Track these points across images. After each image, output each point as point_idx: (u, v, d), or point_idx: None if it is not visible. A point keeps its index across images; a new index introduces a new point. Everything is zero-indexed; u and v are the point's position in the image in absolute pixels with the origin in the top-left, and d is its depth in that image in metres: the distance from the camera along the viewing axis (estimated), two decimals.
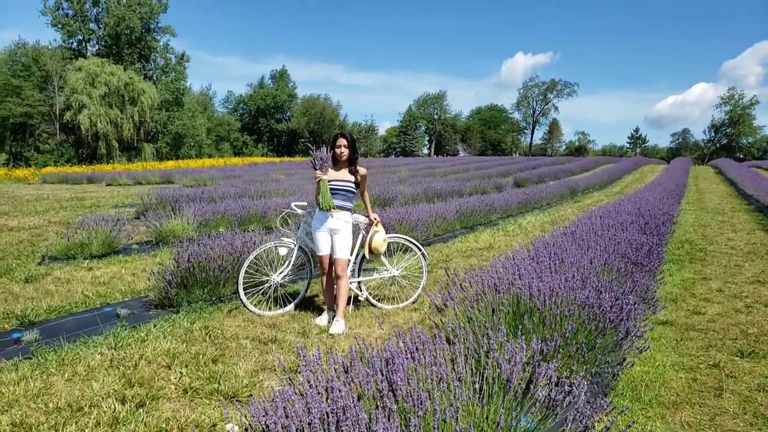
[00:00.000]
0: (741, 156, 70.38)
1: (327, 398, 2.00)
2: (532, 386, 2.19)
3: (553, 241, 5.59)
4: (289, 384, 2.37)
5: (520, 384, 2.23)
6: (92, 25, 49.74)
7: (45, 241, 8.61)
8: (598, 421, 2.55)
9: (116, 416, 2.95)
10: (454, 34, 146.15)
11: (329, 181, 4.74)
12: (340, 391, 1.93)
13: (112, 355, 3.85)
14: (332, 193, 4.72)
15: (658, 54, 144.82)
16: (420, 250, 5.44)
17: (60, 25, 47.95)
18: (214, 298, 5.33)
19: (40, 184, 23.86)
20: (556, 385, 2.20)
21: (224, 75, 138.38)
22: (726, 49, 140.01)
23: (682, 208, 14.94)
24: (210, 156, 54.44)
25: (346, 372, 2.24)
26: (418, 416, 1.84)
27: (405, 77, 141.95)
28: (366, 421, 1.80)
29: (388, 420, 1.77)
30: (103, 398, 3.18)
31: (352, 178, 4.80)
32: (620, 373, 3.17)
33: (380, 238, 5.06)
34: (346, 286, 4.77)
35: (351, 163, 4.81)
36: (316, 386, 2.09)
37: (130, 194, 18.02)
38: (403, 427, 1.56)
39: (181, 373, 3.59)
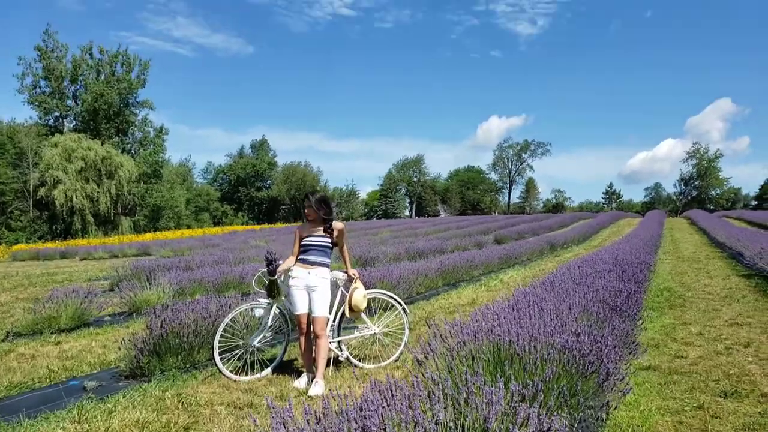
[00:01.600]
0: (711, 207, 72.20)
1: None
2: (512, 427, 2.11)
3: (533, 291, 5.58)
4: None
5: (499, 426, 2.15)
6: (69, 102, 50.27)
7: (11, 317, 8.30)
8: None
9: None
10: (430, 100, 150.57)
11: (305, 237, 4.79)
12: None
13: (75, 428, 3.65)
14: (308, 250, 4.76)
15: (627, 112, 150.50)
16: (401, 305, 5.38)
17: (37, 103, 48.32)
18: (188, 366, 5.15)
19: (9, 262, 23.14)
20: (538, 422, 2.13)
21: (204, 147, 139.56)
22: (688, 106, 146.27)
23: (659, 257, 15.12)
24: (189, 227, 54.10)
25: (318, 421, 2.15)
26: None
27: (384, 142, 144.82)
28: None
29: None
30: None
31: (327, 236, 4.81)
32: (604, 416, 3.10)
33: (360, 295, 5.01)
34: (325, 345, 4.67)
35: (325, 221, 4.83)
36: None
37: (104, 267, 17.67)
38: None
39: None
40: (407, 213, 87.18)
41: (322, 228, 4.83)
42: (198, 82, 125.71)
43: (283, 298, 4.95)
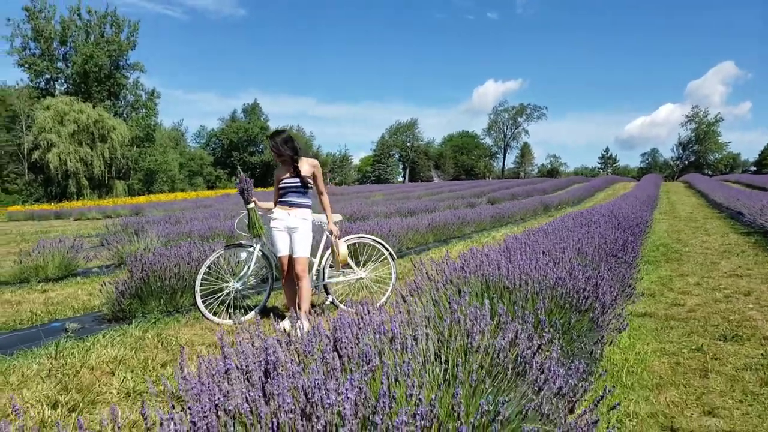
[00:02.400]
0: (709, 172, 71.93)
1: (264, 360, 1.75)
2: (498, 354, 1.95)
3: (525, 237, 5.42)
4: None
5: (484, 349, 1.99)
6: (60, 64, 49.23)
7: (0, 269, 8.18)
8: (580, 402, 2.32)
9: (44, 420, 2.64)
10: (424, 64, 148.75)
11: (282, 179, 4.59)
12: (275, 350, 1.69)
13: (51, 364, 3.52)
14: (285, 192, 4.60)
15: (625, 76, 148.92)
16: (387, 250, 5.22)
17: (27, 65, 47.31)
18: (171, 309, 5.01)
19: (4, 222, 23.13)
20: (528, 339, 1.98)
21: (197, 111, 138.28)
22: (690, 69, 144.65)
23: (656, 217, 14.99)
24: (183, 191, 53.75)
25: (289, 341, 2.00)
26: (363, 371, 1.60)
27: (377, 108, 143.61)
28: (300, 373, 1.56)
29: (331, 379, 1.53)
30: (32, 405, 2.85)
31: (296, 177, 4.58)
32: (599, 352, 2.96)
33: (344, 247, 4.84)
34: (307, 286, 4.52)
35: (292, 161, 4.59)
36: (255, 351, 1.84)
37: (97, 227, 17.51)
38: (345, 384, 1.33)
39: (125, 377, 3.27)
40: (400, 179, 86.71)
41: (291, 168, 4.61)
42: (190, 45, 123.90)
43: (263, 237, 4.77)
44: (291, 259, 4.55)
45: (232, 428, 1.44)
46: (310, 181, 4.62)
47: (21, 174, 46.04)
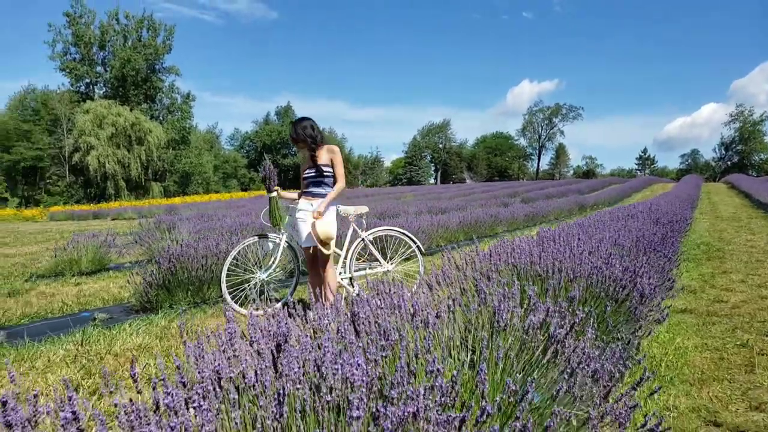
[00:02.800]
0: (753, 174, 69.44)
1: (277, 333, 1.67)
2: (527, 333, 1.83)
3: (558, 231, 5.24)
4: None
5: (512, 329, 1.87)
6: (99, 68, 50.60)
7: (38, 263, 8.36)
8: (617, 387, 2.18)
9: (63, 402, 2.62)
10: (457, 65, 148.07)
11: (304, 170, 4.54)
12: (287, 324, 1.61)
13: (77, 350, 3.53)
14: (308, 183, 4.50)
15: (665, 76, 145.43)
16: (415, 242, 5.11)
17: (68, 70, 48.81)
18: (198, 301, 5.01)
19: (46, 222, 23.84)
20: (560, 317, 1.85)
21: (230, 114, 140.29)
22: (734, 68, 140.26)
23: (696, 217, 14.49)
24: (217, 192, 54.58)
25: (305, 317, 1.92)
26: (381, 346, 1.50)
27: (409, 110, 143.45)
28: (312, 347, 1.48)
29: (347, 354, 1.44)
30: (54, 389, 2.85)
31: (314, 166, 4.47)
32: (636, 344, 2.79)
33: (323, 228, 4.58)
34: (332, 276, 4.43)
35: (310, 150, 4.48)
36: (268, 324, 1.76)
37: (133, 226, 17.83)
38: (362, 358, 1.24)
39: (148, 364, 3.25)
40: (432, 181, 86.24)
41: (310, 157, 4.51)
42: (223, 49, 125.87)
43: (282, 227, 4.67)
44: (316, 250, 4.47)
45: (235, 397, 1.37)
46: (328, 169, 4.45)
47: (62, 176, 47.41)
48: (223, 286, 4.49)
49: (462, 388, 1.59)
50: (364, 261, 5.37)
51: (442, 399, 1.24)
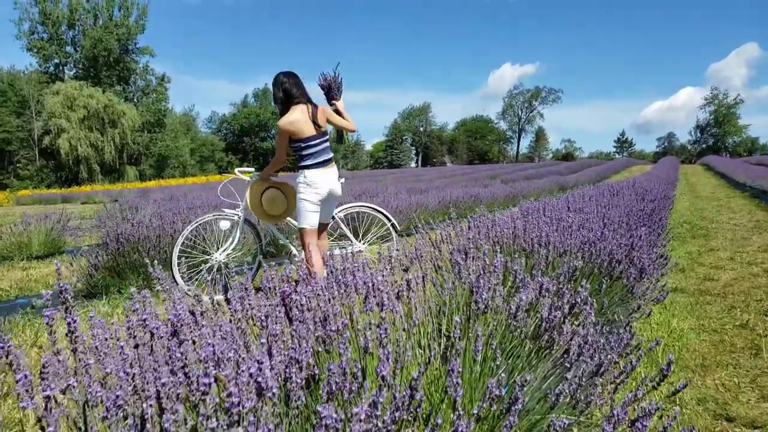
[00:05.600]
0: (728, 156, 70.24)
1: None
2: (515, 318, 1.47)
3: (542, 205, 4.89)
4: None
5: (497, 311, 1.50)
6: (69, 48, 48.93)
7: None
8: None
9: None
10: (439, 48, 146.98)
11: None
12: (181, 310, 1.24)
13: None
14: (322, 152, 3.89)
15: (643, 60, 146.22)
16: (390, 220, 4.72)
17: (35, 49, 47.08)
18: (152, 284, 4.57)
19: (12, 206, 22.94)
20: (557, 296, 1.49)
21: (208, 98, 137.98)
22: (711, 52, 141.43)
23: (676, 196, 14.33)
24: (194, 176, 53.51)
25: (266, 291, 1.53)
26: (317, 337, 1.13)
27: (390, 94, 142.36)
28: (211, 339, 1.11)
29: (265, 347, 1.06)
30: None
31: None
32: (633, 325, 2.45)
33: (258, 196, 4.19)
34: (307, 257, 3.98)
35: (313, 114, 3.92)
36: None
37: (101, 209, 17.22)
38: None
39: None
40: (413, 164, 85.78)
41: None
42: (201, 30, 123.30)
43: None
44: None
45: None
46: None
47: (32, 160, 45.97)
48: (174, 267, 4.07)
49: (430, 390, 1.21)
50: (333, 240, 4.98)
51: (396, 414, 0.87)
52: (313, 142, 3.77)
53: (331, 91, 4.11)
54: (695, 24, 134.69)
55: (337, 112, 4.11)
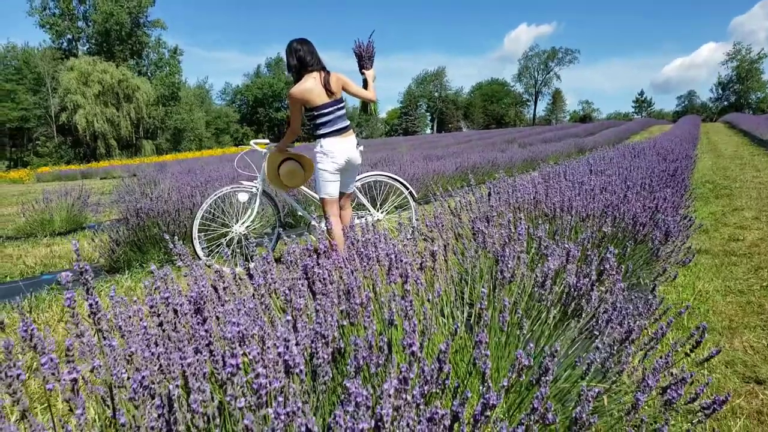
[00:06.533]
0: (751, 113, 68.45)
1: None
2: (543, 286, 1.44)
3: (563, 168, 4.81)
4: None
5: (522, 279, 1.48)
6: (81, 23, 48.89)
7: (12, 224, 7.95)
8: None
9: None
10: (452, 11, 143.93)
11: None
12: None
13: (24, 318, 3.14)
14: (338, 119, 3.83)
15: (663, 16, 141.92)
16: (408, 189, 4.68)
17: (48, 26, 47.12)
18: (173, 259, 4.62)
19: (33, 183, 23.30)
20: (586, 264, 1.46)
21: (221, 69, 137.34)
22: (734, 5, 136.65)
23: (698, 155, 14.05)
24: (210, 149, 53.69)
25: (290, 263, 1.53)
26: (341, 312, 1.12)
27: (404, 59, 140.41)
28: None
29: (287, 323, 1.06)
30: None
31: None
32: (660, 289, 2.42)
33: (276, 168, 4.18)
34: (329, 227, 3.95)
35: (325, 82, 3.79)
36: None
37: (121, 185, 17.40)
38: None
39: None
40: (428, 131, 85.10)
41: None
42: (211, 1, 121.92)
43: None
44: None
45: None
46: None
47: (50, 137, 46.40)
48: (195, 241, 4.09)
49: (456, 359, 1.20)
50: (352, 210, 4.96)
51: (425, 388, 0.86)
52: (326, 110, 3.71)
53: (362, 59, 4.04)
54: None
55: (366, 81, 4.04)
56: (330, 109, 3.72)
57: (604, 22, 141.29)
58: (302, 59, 3.69)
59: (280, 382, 0.82)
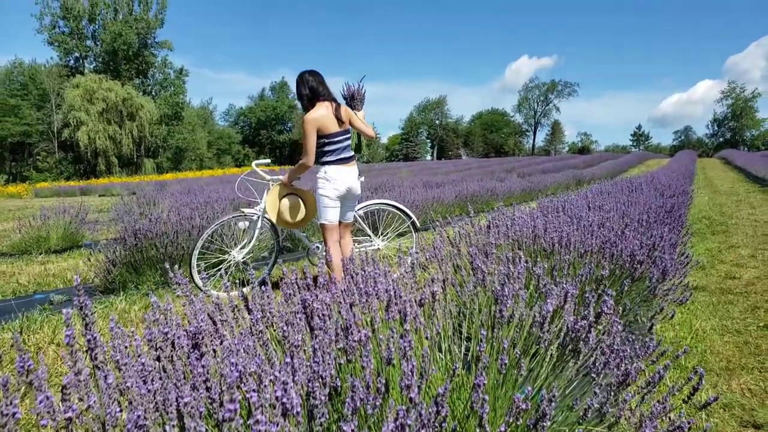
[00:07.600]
0: (745, 149, 69.02)
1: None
2: (541, 327, 1.43)
3: (560, 202, 4.83)
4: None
5: (521, 318, 1.47)
6: (89, 42, 49.43)
7: (8, 240, 7.92)
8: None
9: None
10: (456, 40, 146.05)
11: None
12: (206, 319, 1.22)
13: (15, 341, 3.11)
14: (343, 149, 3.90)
15: (661, 53, 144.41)
16: (410, 218, 4.69)
17: (56, 44, 47.67)
18: (169, 281, 4.59)
19: (30, 198, 23.23)
20: (584, 306, 1.46)
21: (226, 90, 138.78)
22: (730, 44, 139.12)
23: (694, 190, 14.13)
24: (211, 169, 53.84)
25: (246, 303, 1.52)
26: (339, 349, 1.11)
27: (407, 86, 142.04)
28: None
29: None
30: None
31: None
32: (657, 327, 2.41)
33: (276, 202, 4.17)
34: (328, 253, 3.94)
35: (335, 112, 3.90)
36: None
37: (119, 202, 17.38)
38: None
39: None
40: (428, 157, 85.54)
41: None
42: (221, 24, 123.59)
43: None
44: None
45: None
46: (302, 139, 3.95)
47: (51, 152, 46.54)
48: (193, 268, 4.07)
49: (453, 398, 1.19)
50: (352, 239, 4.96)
51: None
52: (336, 139, 3.78)
53: (353, 101, 4.15)
54: (714, 16, 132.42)
55: None
56: (339, 138, 3.79)
57: (603, 58, 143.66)
58: (314, 89, 3.76)
59: (278, 426, 0.81)
